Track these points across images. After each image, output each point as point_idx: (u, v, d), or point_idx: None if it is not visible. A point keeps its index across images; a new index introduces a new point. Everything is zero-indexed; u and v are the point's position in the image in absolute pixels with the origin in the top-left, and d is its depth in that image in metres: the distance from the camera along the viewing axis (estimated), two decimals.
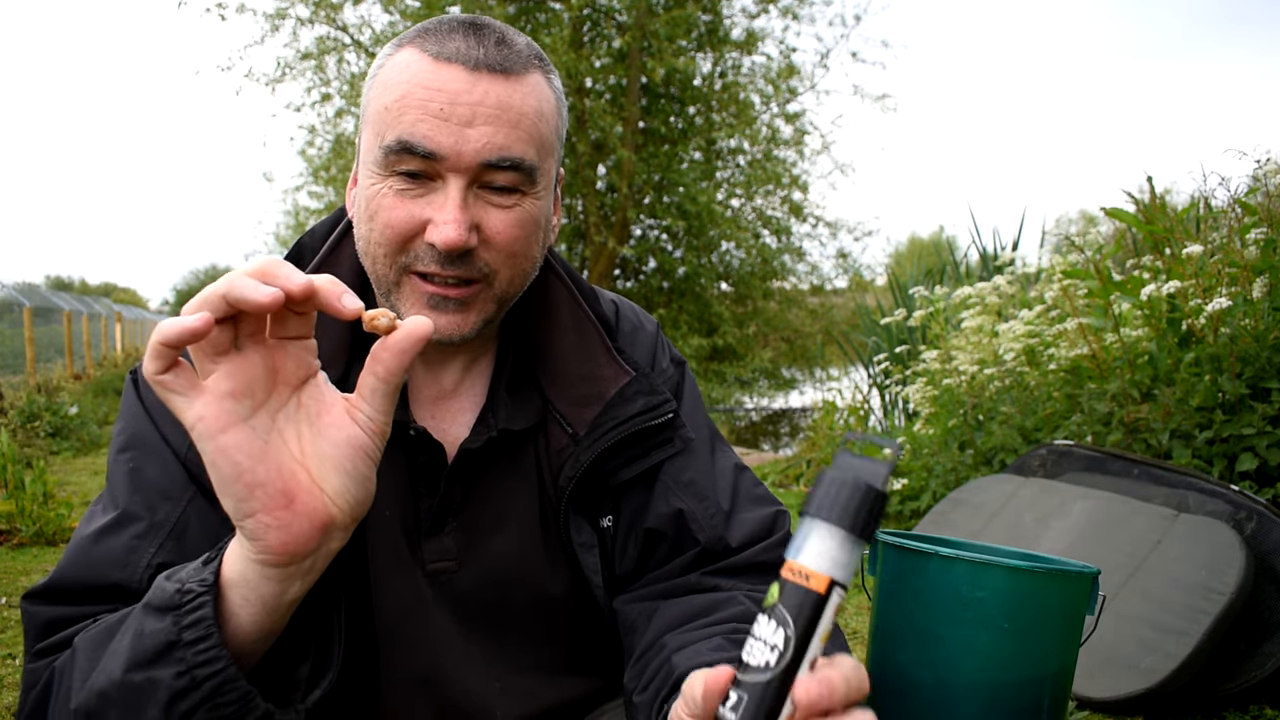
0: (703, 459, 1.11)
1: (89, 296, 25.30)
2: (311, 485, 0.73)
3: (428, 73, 0.93)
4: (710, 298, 15.12)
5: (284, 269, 0.69)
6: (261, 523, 0.71)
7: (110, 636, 0.82)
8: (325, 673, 0.83)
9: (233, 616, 0.76)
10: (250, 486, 0.70)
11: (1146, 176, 3.62)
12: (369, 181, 0.97)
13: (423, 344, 0.72)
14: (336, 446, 0.74)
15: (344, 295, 0.70)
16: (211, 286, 0.67)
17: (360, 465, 0.74)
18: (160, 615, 0.75)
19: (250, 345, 0.71)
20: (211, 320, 0.66)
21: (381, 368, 0.72)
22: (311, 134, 14.82)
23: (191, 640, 0.73)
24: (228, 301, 0.67)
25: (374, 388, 0.73)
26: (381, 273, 0.98)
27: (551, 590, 1.07)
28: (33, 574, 3.91)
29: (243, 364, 0.71)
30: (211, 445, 0.69)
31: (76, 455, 7.99)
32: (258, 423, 0.72)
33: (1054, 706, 1.49)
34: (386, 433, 0.75)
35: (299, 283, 0.68)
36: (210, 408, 0.69)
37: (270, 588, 0.75)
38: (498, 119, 0.93)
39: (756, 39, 14.43)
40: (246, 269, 0.69)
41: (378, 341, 0.73)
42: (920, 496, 4.59)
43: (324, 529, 0.74)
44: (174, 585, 0.76)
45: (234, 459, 0.70)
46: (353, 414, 0.74)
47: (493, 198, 0.96)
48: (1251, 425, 2.85)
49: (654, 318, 1.25)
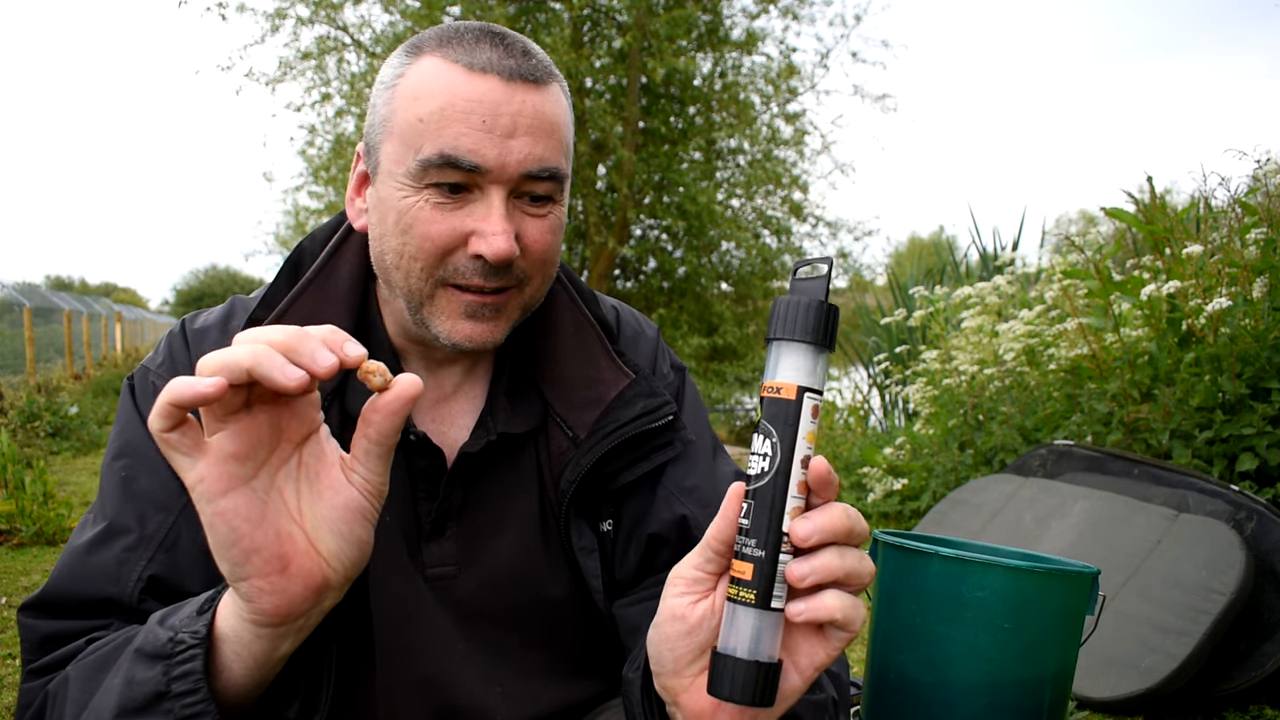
0: (705, 465, 1.11)
1: (89, 296, 25.29)
2: (308, 548, 0.73)
3: (463, 84, 0.92)
4: (710, 298, 15.11)
5: (308, 345, 0.67)
6: (256, 587, 0.71)
7: (102, 669, 0.83)
8: (313, 715, 0.83)
9: (225, 670, 0.76)
10: (247, 552, 0.70)
11: (1146, 176, 3.62)
12: (400, 194, 0.95)
13: (412, 404, 0.71)
14: (334, 509, 0.73)
15: (346, 344, 0.69)
16: (235, 354, 0.65)
17: (357, 529, 0.74)
18: (151, 663, 0.75)
19: (259, 405, 0.70)
20: (226, 386, 0.65)
21: (374, 430, 0.71)
22: (311, 134, 14.81)
23: (180, 693, 0.74)
24: (251, 376, 0.65)
25: (367, 450, 0.72)
26: (416, 286, 0.97)
27: (552, 594, 1.07)
28: (32, 574, 3.91)
29: (250, 425, 0.70)
30: (211, 508, 0.68)
31: (76, 455, 7.99)
32: (258, 483, 0.71)
33: (1054, 707, 1.49)
34: (384, 492, 0.75)
35: (325, 366, 0.67)
36: (213, 469, 0.68)
37: (262, 645, 0.75)
38: (535, 129, 0.94)
39: (756, 39, 14.41)
40: (273, 339, 0.67)
41: (367, 403, 0.71)
42: (920, 496, 4.59)
43: (319, 592, 0.73)
44: (167, 633, 0.76)
45: (232, 524, 0.69)
46: (349, 475, 0.73)
47: (529, 207, 0.97)
48: (1251, 425, 2.85)
49: (654, 323, 1.25)
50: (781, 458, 0.68)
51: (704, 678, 0.74)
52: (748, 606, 0.69)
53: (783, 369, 0.69)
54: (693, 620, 0.73)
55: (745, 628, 0.69)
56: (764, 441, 0.69)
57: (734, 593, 0.69)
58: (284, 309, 1.03)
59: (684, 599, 0.74)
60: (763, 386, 0.69)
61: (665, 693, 0.77)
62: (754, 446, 0.70)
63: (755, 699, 0.69)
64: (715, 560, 0.73)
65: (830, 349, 0.70)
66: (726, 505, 0.71)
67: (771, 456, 0.68)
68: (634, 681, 0.87)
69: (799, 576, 0.68)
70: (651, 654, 0.77)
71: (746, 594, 0.69)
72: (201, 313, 1.10)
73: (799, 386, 0.68)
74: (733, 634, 0.70)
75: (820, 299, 0.69)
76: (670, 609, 0.75)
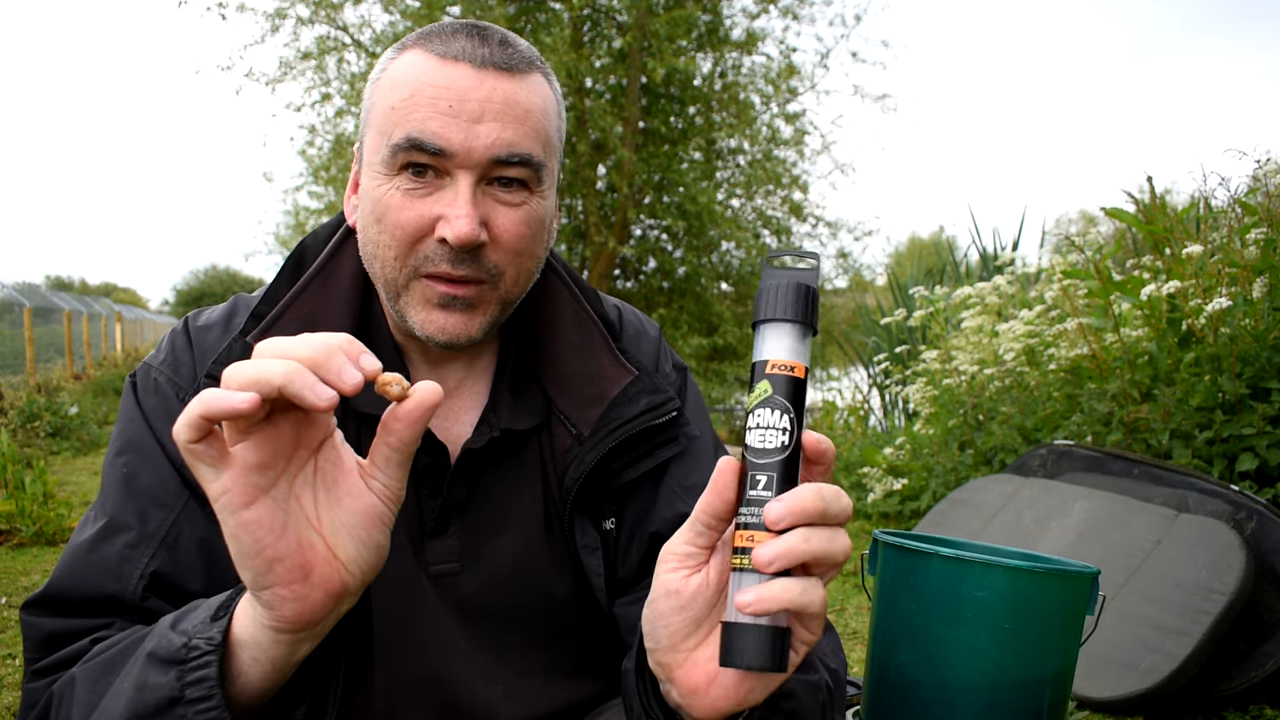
0: (707, 464, 1.11)
1: (89, 296, 25.28)
2: (328, 555, 0.73)
3: (434, 71, 0.93)
4: (710, 297, 15.09)
5: (336, 362, 0.67)
6: (279, 595, 0.71)
7: (109, 671, 0.82)
8: (321, 717, 0.83)
9: (241, 675, 0.76)
10: (270, 561, 0.70)
11: (1146, 176, 3.62)
12: (375, 183, 0.97)
13: (433, 412, 0.71)
14: (353, 516, 0.73)
15: (362, 355, 0.69)
16: (267, 370, 0.65)
17: (376, 534, 0.74)
18: (164, 668, 0.75)
19: (280, 415, 0.70)
20: (259, 402, 0.65)
21: (394, 438, 0.71)
22: (311, 134, 14.79)
23: (194, 699, 0.74)
24: (282, 393, 0.65)
25: (387, 457, 0.72)
26: (390, 276, 0.98)
27: (555, 592, 1.07)
28: (33, 574, 3.91)
29: (272, 434, 0.70)
30: (234, 520, 0.68)
31: (76, 455, 7.99)
32: (278, 492, 0.71)
33: (1054, 707, 1.49)
34: (401, 497, 0.75)
35: (352, 384, 0.67)
36: (237, 481, 0.68)
37: (281, 650, 0.75)
38: (505, 115, 0.94)
39: (756, 39, 14.40)
40: (301, 354, 0.67)
41: (388, 410, 0.72)
42: (920, 496, 4.59)
43: (338, 597, 0.74)
44: (180, 638, 0.76)
45: (256, 535, 0.69)
46: (368, 481, 0.74)
47: (501, 195, 0.97)
48: (1251, 425, 2.85)
49: (656, 323, 1.25)
50: (796, 432, 0.72)
51: (698, 653, 0.74)
52: (754, 573, 0.69)
53: (791, 350, 0.73)
54: (687, 594, 0.74)
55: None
56: (781, 417, 0.71)
57: (738, 561, 0.70)
58: (285, 307, 1.03)
59: (677, 574, 0.74)
60: (771, 363, 0.72)
61: (660, 669, 0.77)
62: (767, 421, 0.72)
63: (770, 664, 0.69)
64: (706, 535, 0.73)
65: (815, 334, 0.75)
66: (719, 480, 0.72)
67: (790, 430, 0.71)
68: (630, 670, 0.87)
69: (765, 561, 0.67)
70: (646, 631, 0.77)
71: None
72: (204, 311, 1.10)
73: (805, 367, 0.73)
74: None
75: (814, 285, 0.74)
76: (664, 584, 0.75)
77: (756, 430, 0.72)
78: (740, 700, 0.74)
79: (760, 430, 0.72)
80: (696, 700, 0.75)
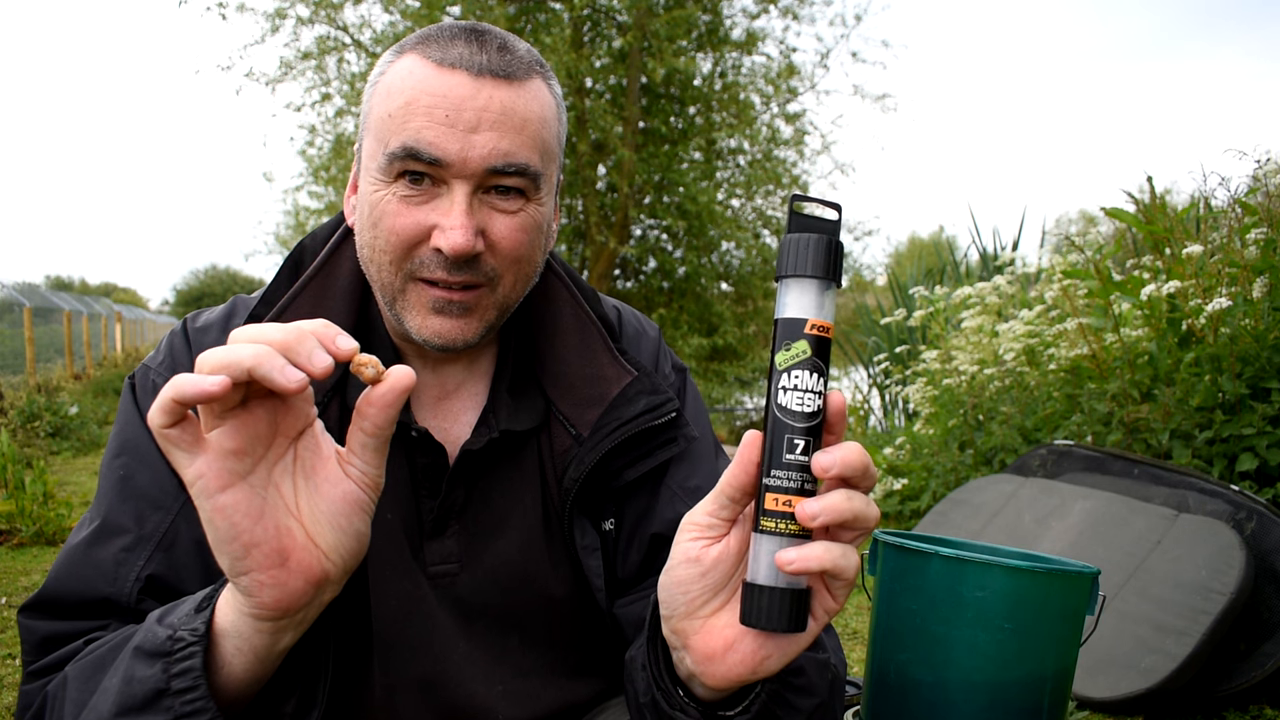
0: (708, 465, 1.11)
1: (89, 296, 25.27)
2: (307, 542, 0.73)
3: (431, 79, 0.93)
4: (710, 298, 15.09)
5: (306, 345, 0.68)
6: (257, 581, 0.71)
7: (100, 669, 0.83)
8: (311, 710, 0.83)
9: (225, 665, 0.77)
10: (247, 546, 0.70)
11: (1146, 176, 3.62)
12: (372, 189, 0.96)
13: (406, 395, 0.72)
14: (332, 503, 0.74)
15: (338, 337, 0.70)
16: (237, 353, 0.66)
17: (355, 521, 0.75)
18: (150, 661, 0.76)
19: (256, 401, 0.71)
20: (230, 384, 0.65)
21: (369, 423, 0.72)
22: (311, 134, 14.80)
23: (180, 690, 0.74)
24: (251, 375, 0.66)
25: (363, 443, 0.73)
26: (386, 280, 0.98)
27: (554, 593, 1.07)
28: (32, 574, 3.91)
29: (248, 420, 0.70)
30: (210, 504, 0.69)
31: (76, 455, 7.99)
32: (256, 479, 0.72)
33: (1054, 706, 1.49)
34: (380, 484, 0.75)
35: (321, 366, 0.68)
36: (212, 465, 0.69)
37: (263, 639, 0.75)
38: (502, 124, 0.93)
39: (756, 39, 14.40)
40: (271, 338, 0.68)
41: (362, 395, 0.72)
42: (920, 496, 4.59)
43: (318, 585, 0.74)
44: (165, 631, 0.76)
45: (231, 519, 0.69)
46: (345, 469, 0.74)
47: (498, 203, 0.96)
48: (1251, 425, 2.85)
49: (656, 324, 1.25)
50: (825, 395, 0.71)
51: (715, 619, 0.75)
52: (788, 536, 0.70)
53: (829, 309, 0.71)
54: (707, 562, 0.74)
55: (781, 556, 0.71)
56: (818, 380, 0.70)
57: (770, 524, 0.70)
58: (284, 307, 1.03)
59: (698, 543, 0.75)
60: (810, 324, 0.70)
61: (675, 636, 0.77)
62: (806, 383, 0.70)
63: (790, 625, 0.70)
64: (730, 507, 0.74)
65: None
66: (746, 454, 0.71)
67: (822, 393, 0.70)
68: (635, 659, 0.87)
69: (810, 515, 0.68)
70: (663, 599, 0.77)
71: (788, 525, 0.70)
72: (203, 312, 1.10)
73: (831, 326, 0.72)
74: (764, 566, 0.71)
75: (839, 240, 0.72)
76: (684, 552, 0.75)
77: (795, 392, 0.70)
78: (755, 668, 0.74)
79: (799, 393, 0.70)
80: (711, 667, 0.75)
